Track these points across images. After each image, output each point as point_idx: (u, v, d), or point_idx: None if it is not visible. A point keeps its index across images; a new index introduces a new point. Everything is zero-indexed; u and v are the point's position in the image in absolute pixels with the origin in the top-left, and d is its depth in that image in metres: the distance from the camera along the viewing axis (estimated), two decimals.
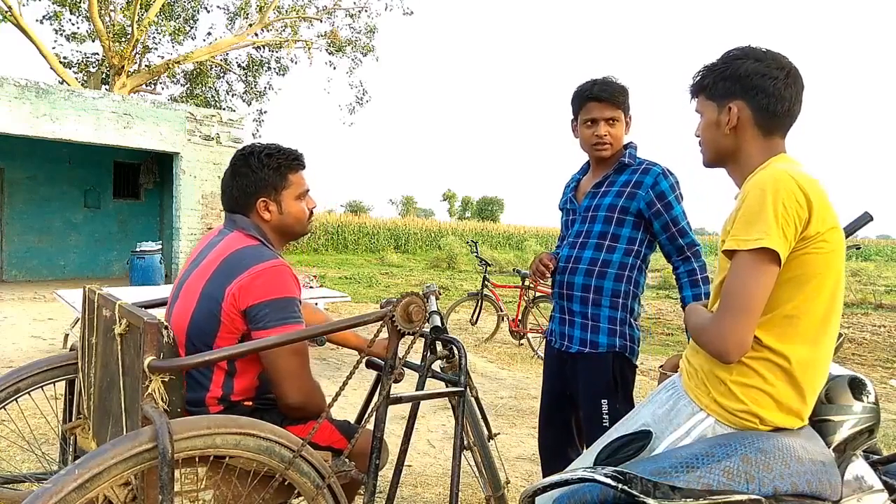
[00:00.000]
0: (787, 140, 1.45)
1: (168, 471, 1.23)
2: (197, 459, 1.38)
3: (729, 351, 1.27)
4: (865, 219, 1.99)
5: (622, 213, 2.13)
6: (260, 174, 1.76)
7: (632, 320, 2.19)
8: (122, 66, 16.02)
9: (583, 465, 1.47)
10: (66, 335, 5.76)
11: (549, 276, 2.29)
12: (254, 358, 1.64)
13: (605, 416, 2.12)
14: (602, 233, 2.16)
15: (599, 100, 2.13)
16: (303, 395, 1.65)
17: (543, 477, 2.19)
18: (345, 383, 1.56)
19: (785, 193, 1.24)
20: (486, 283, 7.26)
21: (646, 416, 1.41)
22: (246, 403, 1.69)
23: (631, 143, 2.24)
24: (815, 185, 1.29)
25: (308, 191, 1.86)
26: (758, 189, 1.27)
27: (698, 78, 1.50)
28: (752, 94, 1.40)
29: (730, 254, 1.29)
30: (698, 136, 1.53)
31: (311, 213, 1.87)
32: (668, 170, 2.15)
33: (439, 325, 2.12)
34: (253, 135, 19.36)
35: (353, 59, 19.03)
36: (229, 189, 1.79)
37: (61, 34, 17.36)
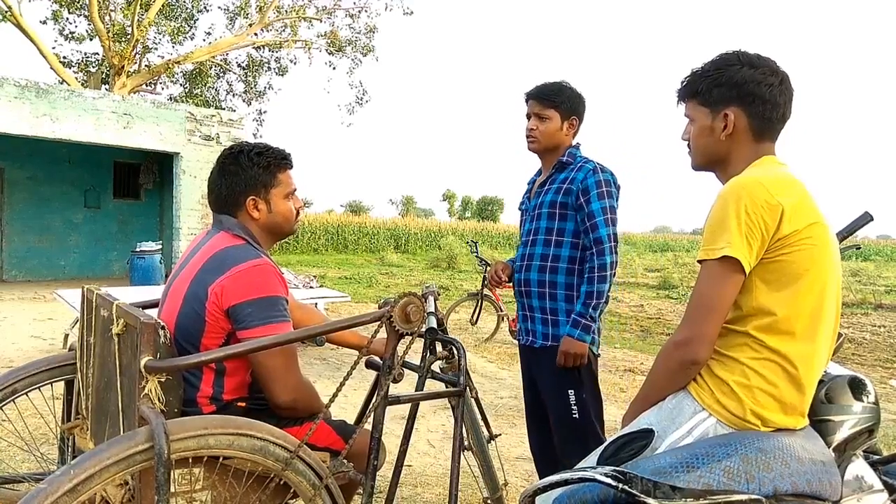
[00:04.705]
0: (779, 141, 1.46)
1: (164, 471, 1.23)
2: (191, 460, 1.37)
3: (693, 343, 1.31)
4: (865, 219, 1.99)
5: (563, 208, 2.26)
6: (250, 172, 1.75)
7: None
8: (122, 66, 16.01)
9: (586, 464, 1.46)
10: (66, 335, 5.76)
11: (504, 284, 2.44)
12: (243, 357, 1.64)
13: (573, 407, 2.19)
14: (548, 229, 2.29)
15: (533, 97, 2.32)
16: (291, 393, 1.65)
17: (540, 478, 2.20)
18: (342, 383, 1.56)
19: (748, 201, 1.27)
20: (485, 283, 7.25)
21: (649, 415, 1.41)
22: (239, 404, 1.69)
23: (576, 143, 2.38)
24: (791, 186, 1.31)
25: (295, 190, 1.86)
26: (722, 199, 1.31)
27: (688, 83, 1.50)
28: (748, 101, 1.41)
29: (701, 262, 1.34)
30: (686, 140, 1.54)
31: (298, 213, 1.88)
32: (600, 167, 2.26)
33: (435, 325, 2.11)
34: (253, 135, 19.37)
35: (352, 59, 19.02)
36: (217, 188, 1.79)
37: (61, 34, 17.37)
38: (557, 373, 2.23)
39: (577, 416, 2.18)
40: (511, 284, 2.45)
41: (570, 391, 2.19)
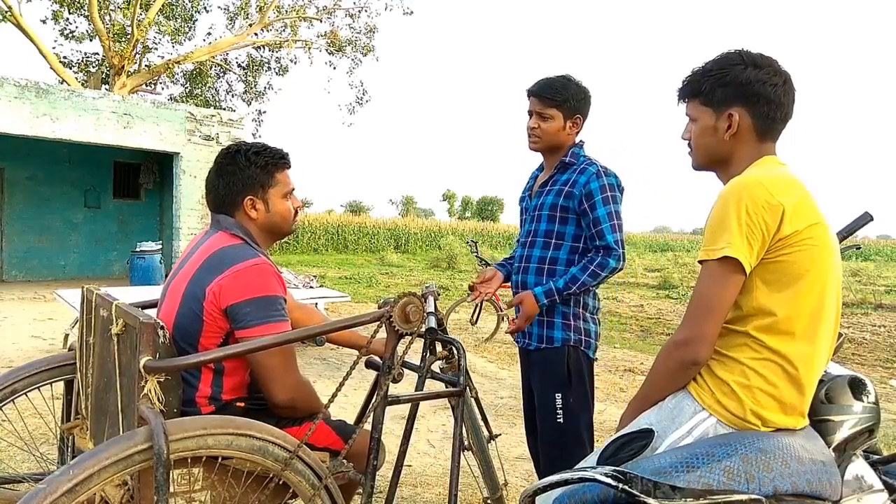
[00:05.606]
0: (780, 140, 1.46)
1: (163, 471, 1.23)
2: (190, 460, 1.37)
3: (693, 343, 1.31)
4: (865, 219, 1.99)
5: (563, 211, 2.21)
6: (247, 172, 1.75)
7: (587, 314, 2.25)
8: (122, 66, 16.00)
9: (586, 464, 1.46)
10: (66, 335, 5.75)
11: (481, 287, 2.37)
12: (242, 357, 1.64)
13: (558, 410, 2.17)
14: (547, 231, 2.25)
15: (535, 95, 2.24)
16: (289, 392, 1.65)
17: (539, 477, 2.20)
18: (342, 383, 1.55)
19: (749, 201, 1.27)
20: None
21: (649, 415, 1.41)
22: (238, 404, 1.69)
23: (580, 142, 2.31)
24: (791, 187, 1.31)
25: (293, 190, 1.86)
26: (722, 199, 1.31)
27: (690, 82, 1.49)
28: (753, 102, 1.40)
29: (701, 263, 1.34)
30: (686, 139, 1.53)
31: (297, 212, 1.87)
32: (603, 170, 2.18)
33: (434, 326, 2.11)
34: (252, 135, 19.34)
35: (353, 59, 19.01)
36: (215, 188, 1.79)
37: (62, 34, 17.36)
38: (547, 376, 2.22)
39: (560, 420, 2.15)
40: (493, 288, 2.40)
41: (556, 395, 2.17)
